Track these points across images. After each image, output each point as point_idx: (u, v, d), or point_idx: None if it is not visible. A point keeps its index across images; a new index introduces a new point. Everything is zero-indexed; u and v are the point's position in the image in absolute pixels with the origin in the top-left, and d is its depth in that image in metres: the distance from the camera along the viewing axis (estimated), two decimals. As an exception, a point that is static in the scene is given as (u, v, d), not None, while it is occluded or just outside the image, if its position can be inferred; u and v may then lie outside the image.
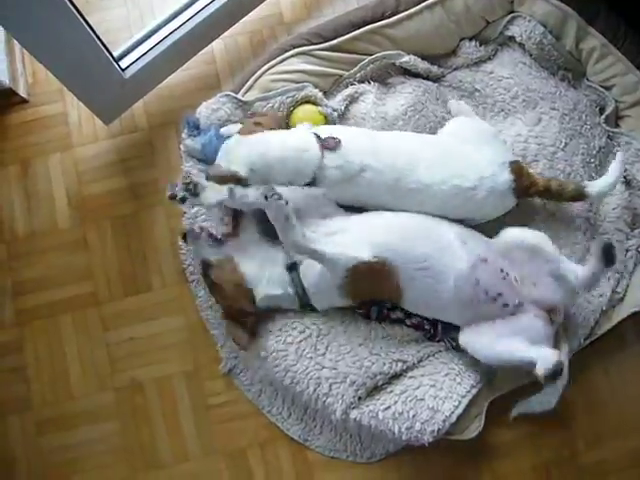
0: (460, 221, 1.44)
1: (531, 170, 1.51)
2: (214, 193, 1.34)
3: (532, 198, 1.50)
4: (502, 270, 1.36)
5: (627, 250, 1.55)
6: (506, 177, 1.41)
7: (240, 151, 1.37)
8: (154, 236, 1.67)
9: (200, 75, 1.77)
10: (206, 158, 1.53)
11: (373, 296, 1.43)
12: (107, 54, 1.46)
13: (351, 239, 1.34)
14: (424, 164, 1.39)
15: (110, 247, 1.67)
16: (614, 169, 1.46)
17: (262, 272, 1.40)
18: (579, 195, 1.46)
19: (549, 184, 1.46)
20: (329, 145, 1.37)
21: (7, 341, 1.62)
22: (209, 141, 1.51)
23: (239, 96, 1.59)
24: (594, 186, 1.45)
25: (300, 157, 1.36)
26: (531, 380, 1.47)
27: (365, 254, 1.31)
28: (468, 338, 1.37)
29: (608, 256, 1.31)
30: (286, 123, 1.61)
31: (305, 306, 1.43)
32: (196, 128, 1.53)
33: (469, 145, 1.44)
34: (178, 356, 1.60)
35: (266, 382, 1.56)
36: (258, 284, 1.40)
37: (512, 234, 1.40)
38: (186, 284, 1.63)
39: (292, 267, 1.39)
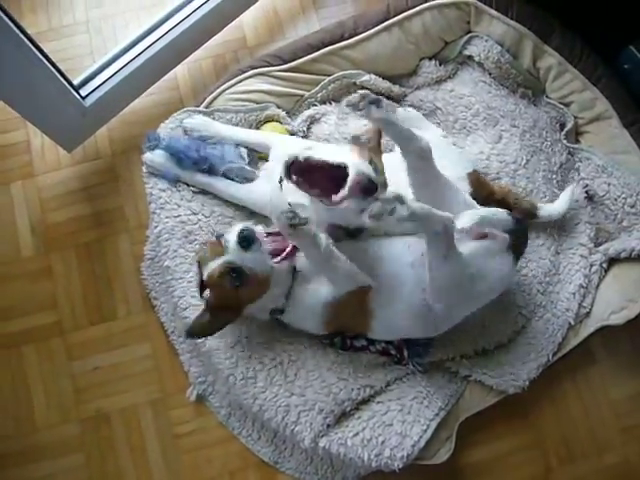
0: None
1: (488, 178, 1.52)
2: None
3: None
4: None
5: (592, 265, 1.55)
6: (465, 190, 1.40)
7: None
8: (119, 263, 1.66)
9: (164, 100, 1.77)
10: (164, 173, 1.49)
11: (344, 329, 1.42)
12: (65, 83, 1.46)
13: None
14: None
15: (74, 275, 1.65)
16: (564, 198, 1.54)
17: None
18: (530, 214, 1.50)
19: (507, 197, 1.47)
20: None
21: (-32, 373, 1.58)
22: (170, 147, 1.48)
23: (199, 108, 1.56)
24: (545, 210, 1.52)
25: None
26: (499, 399, 1.48)
27: (369, 280, 1.29)
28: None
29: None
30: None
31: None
32: (157, 144, 1.51)
33: None
34: (144, 385, 1.58)
35: (235, 406, 1.54)
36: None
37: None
38: (152, 311, 1.61)
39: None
